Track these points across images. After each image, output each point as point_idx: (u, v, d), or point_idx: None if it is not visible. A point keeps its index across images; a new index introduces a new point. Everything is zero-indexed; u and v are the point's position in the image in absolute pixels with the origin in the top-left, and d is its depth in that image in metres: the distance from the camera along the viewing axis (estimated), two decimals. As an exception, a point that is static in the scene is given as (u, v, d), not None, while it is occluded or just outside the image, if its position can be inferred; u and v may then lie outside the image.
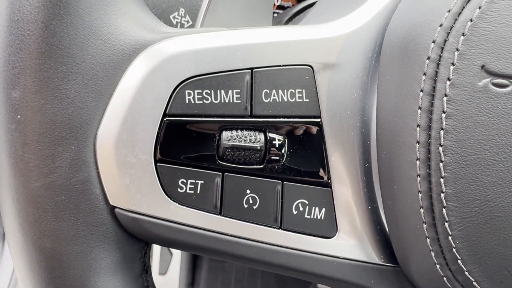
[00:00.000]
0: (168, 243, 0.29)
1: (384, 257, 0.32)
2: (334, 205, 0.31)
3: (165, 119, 0.28)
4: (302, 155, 0.31)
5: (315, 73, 0.30)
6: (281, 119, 0.30)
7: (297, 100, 0.30)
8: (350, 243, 0.32)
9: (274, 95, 0.30)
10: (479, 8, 0.27)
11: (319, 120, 0.31)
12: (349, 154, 0.31)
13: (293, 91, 0.30)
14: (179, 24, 0.46)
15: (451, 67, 0.27)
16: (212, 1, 0.37)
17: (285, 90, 0.30)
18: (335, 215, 0.31)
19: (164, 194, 0.28)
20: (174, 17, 0.46)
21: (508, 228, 0.27)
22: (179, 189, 0.29)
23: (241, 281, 0.80)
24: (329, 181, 0.31)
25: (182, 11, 0.46)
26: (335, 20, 0.32)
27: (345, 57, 0.31)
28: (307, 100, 0.30)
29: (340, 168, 0.31)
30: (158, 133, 0.28)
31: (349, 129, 0.31)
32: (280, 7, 0.69)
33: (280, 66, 0.30)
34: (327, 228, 0.31)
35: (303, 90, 0.30)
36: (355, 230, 0.32)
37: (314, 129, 0.31)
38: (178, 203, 0.29)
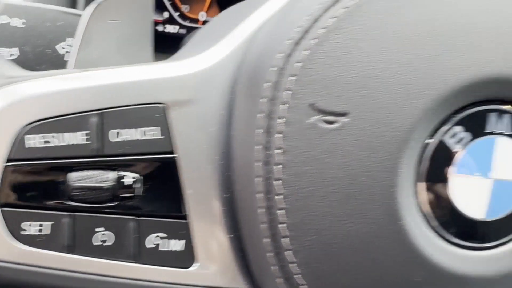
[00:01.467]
0: (17, 286, 0.30)
1: (248, 282, 0.34)
2: (191, 236, 0.32)
3: (4, 165, 0.28)
4: (157, 190, 0.32)
5: (169, 111, 0.31)
6: (133, 157, 0.31)
7: (150, 137, 0.31)
8: (211, 271, 0.33)
9: (125, 134, 0.31)
10: (308, 50, 0.28)
11: (173, 156, 0.32)
12: (206, 186, 0.32)
13: (146, 129, 0.31)
14: (67, 53, 0.46)
15: (284, 105, 0.28)
16: (84, 38, 0.38)
17: (137, 129, 0.31)
18: (192, 246, 0.32)
19: (10, 236, 0.29)
20: (62, 47, 0.46)
21: (343, 255, 0.29)
22: (25, 232, 0.29)
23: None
24: (186, 214, 0.32)
25: (69, 40, 0.46)
26: (193, 56, 0.33)
27: (200, 94, 0.32)
28: (163, 136, 0.31)
29: (197, 200, 0.32)
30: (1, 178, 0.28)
31: (206, 163, 0.32)
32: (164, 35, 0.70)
33: (130, 106, 0.31)
34: (186, 259, 0.32)
35: (158, 128, 0.31)
36: (216, 258, 0.33)
37: (169, 165, 0.32)
38: (28, 245, 0.29)
